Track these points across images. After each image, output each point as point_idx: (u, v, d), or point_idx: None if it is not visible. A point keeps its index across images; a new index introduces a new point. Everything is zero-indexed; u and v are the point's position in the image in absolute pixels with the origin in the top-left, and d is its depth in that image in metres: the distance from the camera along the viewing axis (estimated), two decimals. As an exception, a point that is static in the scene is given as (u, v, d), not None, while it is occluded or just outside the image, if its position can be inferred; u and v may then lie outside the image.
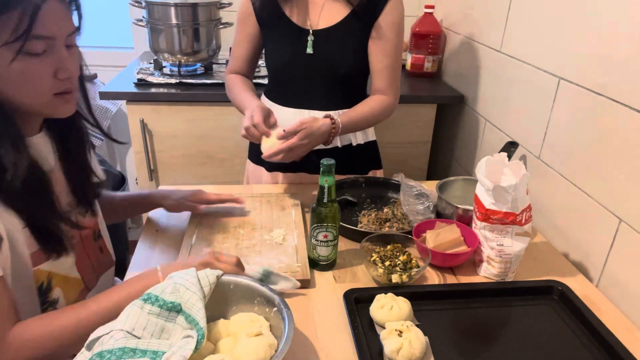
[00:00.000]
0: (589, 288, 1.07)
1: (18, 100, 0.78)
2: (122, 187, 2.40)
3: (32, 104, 0.80)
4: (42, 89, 0.78)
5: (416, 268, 1.03)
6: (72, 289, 0.91)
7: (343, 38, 1.31)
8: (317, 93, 1.36)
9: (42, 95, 0.79)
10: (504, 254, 1.03)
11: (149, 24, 1.87)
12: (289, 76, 1.37)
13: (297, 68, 1.34)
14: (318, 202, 1.01)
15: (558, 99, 1.27)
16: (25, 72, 0.75)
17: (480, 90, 1.76)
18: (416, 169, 2.05)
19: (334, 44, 1.31)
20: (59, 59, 0.78)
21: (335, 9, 1.30)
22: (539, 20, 1.36)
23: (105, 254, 1.04)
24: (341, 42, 1.31)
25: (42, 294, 0.84)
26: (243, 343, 0.75)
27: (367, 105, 1.33)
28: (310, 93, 1.36)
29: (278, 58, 1.37)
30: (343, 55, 1.32)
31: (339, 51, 1.32)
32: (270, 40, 1.37)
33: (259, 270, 0.93)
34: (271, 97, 1.44)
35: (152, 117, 1.82)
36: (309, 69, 1.33)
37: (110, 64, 2.36)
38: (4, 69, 0.74)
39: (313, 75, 1.34)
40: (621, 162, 1.05)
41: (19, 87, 0.77)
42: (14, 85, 0.76)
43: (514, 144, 1.41)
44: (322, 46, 1.31)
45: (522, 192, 0.99)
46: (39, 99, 0.79)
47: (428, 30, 2.03)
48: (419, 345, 0.82)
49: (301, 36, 1.31)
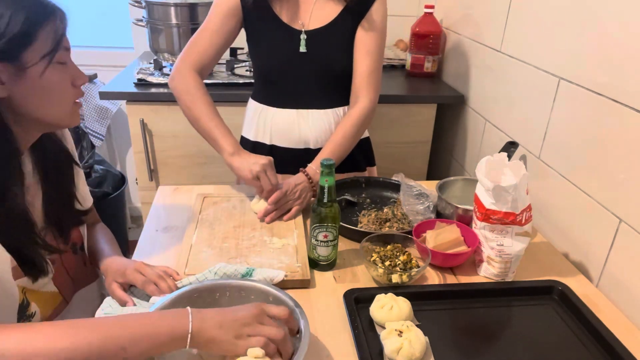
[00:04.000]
0: (589, 288, 1.07)
1: (44, 113, 0.81)
2: (122, 187, 2.40)
3: (58, 114, 0.83)
4: (67, 97, 0.83)
5: (416, 268, 1.03)
6: (48, 303, 0.89)
7: (336, 36, 1.30)
8: (311, 92, 1.35)
9: (67, 104, 0.83)
10: (504, 254, 1.03)
11: (149, 24, 1.87)
12: (283, 77, 1.35)
13: (292, 68, 1.33)
14: (318, 202, 1.01)
15: (558, 99, 1.27)
16: (55, 82, 0.80)
17: (480, 90, 1.76)
18: (416, 169, 2.05)
19: (327, 42, 1.30)
20: (73, 68, 0.83)
21: (327, 7, 1.30)
22: (539, 20, 1.36)
23: (88, 268, 1.03)
24: (334, 41, 1.31)
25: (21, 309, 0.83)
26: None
27: (338, 133, 1.30)
28: (304, 93, 1.35)
29: (270, 59, 1.34)
30: (336, 54, 1.32)
31: (332, 49, 1.31)
32: (260, 41, 1.33)
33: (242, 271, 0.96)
34: (260, 98, 1.41)
35: (152, 117, 1.82)
36: (302, 68, 1.32)
37: (110, 64, 2.36)
38: (37, 81, 0.77)
39: (306, 75, 1.33)
40: (621, 162, 1.05)
41: (48, 98, 0.80)
42: (42, 97, 0.79)
43: (514, 144, 1.41)
44: (316, 45, 1.30)
45: (522, 192, 0.99)
46: (64, 108, 0.83)
47: (428, 30, 2.03)
48: (419, 345, 0.82)
49: (293, 36, 1.30)
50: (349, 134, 1.30)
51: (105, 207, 2.25)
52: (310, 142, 1.38)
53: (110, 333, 0.67)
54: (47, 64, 0.77)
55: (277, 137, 1.39)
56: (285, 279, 0.98)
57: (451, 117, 2.01)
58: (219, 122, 1.25)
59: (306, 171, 1.25)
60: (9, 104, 0.77)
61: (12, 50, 0.73)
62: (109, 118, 2.34)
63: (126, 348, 0.66)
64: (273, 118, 1.38)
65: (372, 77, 1.32)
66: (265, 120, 1.40)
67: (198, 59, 1.29)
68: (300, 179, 1.24)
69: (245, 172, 1.19)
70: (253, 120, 1.43)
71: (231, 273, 0.95)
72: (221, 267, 0.96)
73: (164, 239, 1.16)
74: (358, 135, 1.34)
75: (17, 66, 0.74)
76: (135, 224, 2.76)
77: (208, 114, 1.25)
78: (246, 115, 1.48)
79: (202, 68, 1.30)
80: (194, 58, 1.29)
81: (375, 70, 1.32)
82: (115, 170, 2.47)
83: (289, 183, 1.22)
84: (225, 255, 1.07)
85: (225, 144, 1.22)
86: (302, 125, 1.36)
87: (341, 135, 1.30)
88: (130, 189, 2.72)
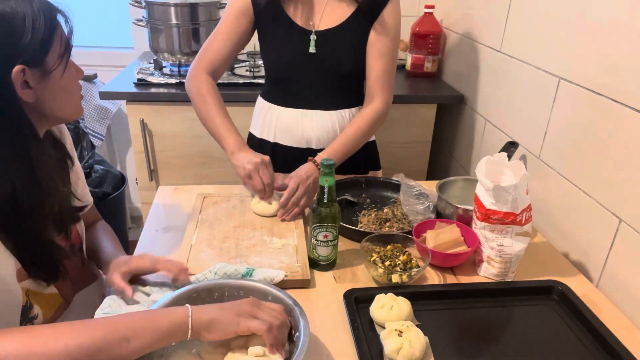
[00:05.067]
0: (589, 288, 1.07)
1: (64, 111, 0.84)
2: (122, 187, 2.40)
3: (73, 109, 0.86)
4: (77, 94, 0.86)
5: (416, 268, 1.03)
6: (49, 305, 0.89)
7: (346, 38, 1.30)
8: (320, 93, 1.36)
9: (77, 99, 0.87)
10: (504, 254, 1.03)
11: (149, 24, 1.87)
12: (291, 76, 1.35)
13: (300, 68, 1.33)
14: (318, 202, 1.01)
15: (558, 99, 1.27)
16: (72, 81, 0.83)
17: (480, 90, 1.76)
18: (416, 169, 2.05)
19: (337, 43, 1.30)
20: (73, 63, 0.85)
21: (339, 8, 1.29)
22: (539, 20, 1.36)
23: (87, 268, 1.03)
24: (344, 42, 1.30)
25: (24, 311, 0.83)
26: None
27: (352, 127, 1.31)
28: (313, 93, 1.36)
29: (279, 58, 1.34)
30: (346, 55, 1.32)
31: (342, 51, 1.31)
32: (270, 40, 1.34)
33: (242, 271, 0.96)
34: (268, 96, 1.42)
35: (152, 117, 1.82)
36: (311, 68, 1.32)
37: (110, 64, 2.36)
38: (58, 82, 0.80)
39: (315, 75, 1.33)
40: (621, 162, 1.05)
41: (68, 97, 0.83)
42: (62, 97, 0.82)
43: (514, 144, 1.41)
44: (325, 46, 1.30)
45: (522, 192, 0.99)
46: (76, 103, 0.86)
47: (428, 30, 2.03)
48: (419, 345, 0.82)
49: (303, 36, 1.30)
50: (362, 130, 1.31)
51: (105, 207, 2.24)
52: (313, 142, 1.38)
53: (112, 327, 0.69)
54: (65, 65, 0.80)
55: (280, 135, 1.40)
56: (285, 279, 0.98)
57: (451, 117, 2.01)
58: (224, 121, 1.26)
59: (315, 160, 1.25)
60: (34, 107, 0.79)
61: (39, 55, 0.76)
62: (109, 118, 2.34)
63: (129, 339, 0.68)
64: (278, 116, 1.39)
65: (385, 78, 1.33)
66: (270, 118, 1.41)
67: (210, 62, 1.33)
68: (310, 170, 1.23)
69: (239, 170, 1.20)
70: (259, 117, 1.45)
71: (231, 273, 0.95)
72: (221, 267, 0.96)
73: (164, 239, 1.16)
74: (370, 133, 1.34)
75: (42, 70, 0.77)
76: (135, 224, 2.76)
77: (216, 113, 1.27)
78: (254, 112, 1.50)
79: (215, 70, 1.34)
80: (206, 61, 1.33)
81: (389, 72, 1.33)
82: (115, 170, 2.47)
83: (299, 175, 1.21)
84: (225, 255, 1.07)
85: (228, 142, 1.24)
86: (305, 125, 1.37)
87: (354, 129, 1.31)
88: (130, 189, 2.72)
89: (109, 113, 2.34)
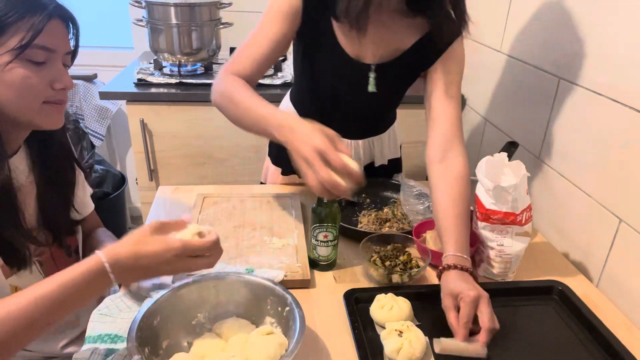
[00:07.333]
0: (589, 288, 1.07)
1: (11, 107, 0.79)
2: (122, 187, 2.40)
3: (25, 111, 0.80)
4: (36, 95, 0.80)
5: (416, 268, 1.03)
6: None
7: (405, 71, 1.16)
8: (358, 125, 1.27)
9: (35, 101, 0.80)
10: (504, 254, 1.03)
11: (149, 24, 1.87)
12: (338, 110, 1.20)
13: (352, 104, 1.19)
14: (318, 202, 1.01)
15: (558, 99, 1.27)
16: (24, 78, 0.77)
17: (480, 90, 1.76)
18: (416, 169, 2.05)
19: (396, 78, 1.17)
20: (56, 71, 0.81)
21: (398, 35, 1.12)
22: (539, 20, 1.36)
23: None
24: (404, 76, 1.18)
25: None
26: (254, 341, 0.76)
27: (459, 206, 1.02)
28: (350, 125, 1.24)
29: (328, 90, 1.18)
30: (403, 90, 1.20)
31: (399, 85, 1.19)
32: (316, 65, 1.16)
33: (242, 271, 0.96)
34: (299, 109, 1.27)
35: (152, 117, 1.82)
36: (364, 106, 1.19)
37: (110, 64, 2.36)
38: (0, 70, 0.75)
39: (362, 111, 1.21)
40: (621, 162, 1.05)
41: (16, 92, 0.78)
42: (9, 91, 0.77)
43: (514, 144, 1.41)
44: (384, 82, 1.15)
45: (522, 192, 0.99)
46: (32, 105, 0.80)
47: (428, 30, 2.03)
48: (419, 345, 0.82)
49: (360, 71, 1.13)
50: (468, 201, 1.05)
51: (105, 207, 2.25)
52: None
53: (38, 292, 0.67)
54: (10, 58, 0.75)
55: None
56: (285, 279, 0.98)
57: (451, 117, 2.00)
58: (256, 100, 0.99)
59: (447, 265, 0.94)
60: None
61: None
62: (109, 118, 2.34)
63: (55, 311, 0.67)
64: None
65: (460, 124, 1.13)
66: None
67: (246, 69, 1.08)
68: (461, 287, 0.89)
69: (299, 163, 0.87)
70: None
71: None
72: (221, 267, 0.96)
73: (164, 239, 1.16)
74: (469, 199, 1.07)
75: None
76: (135, 224, 2.76)
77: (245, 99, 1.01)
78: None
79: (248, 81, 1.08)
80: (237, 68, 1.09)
81: (460, 117, 1.14)
82: (115, 170, 2.47)
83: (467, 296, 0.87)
84: (225, 255, 1.06)
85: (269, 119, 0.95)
86: None
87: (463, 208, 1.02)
88: (130, 189, 2.72)
89: (109, 113, 2.34)
